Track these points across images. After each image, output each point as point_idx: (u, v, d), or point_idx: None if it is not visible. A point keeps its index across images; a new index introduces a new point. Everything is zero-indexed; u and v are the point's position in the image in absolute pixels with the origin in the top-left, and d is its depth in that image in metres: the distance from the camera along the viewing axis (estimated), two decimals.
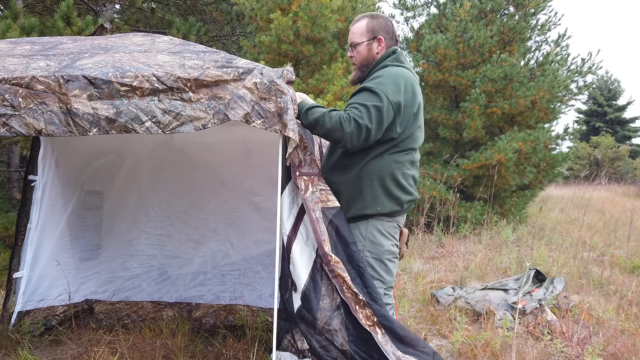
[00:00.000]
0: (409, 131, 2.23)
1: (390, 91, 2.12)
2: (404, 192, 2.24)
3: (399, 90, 2.14)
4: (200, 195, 3.78)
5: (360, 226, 2.22)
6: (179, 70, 1.93)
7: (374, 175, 2.19)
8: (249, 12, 7.37)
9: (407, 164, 2.26)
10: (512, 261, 5.54)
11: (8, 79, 1.84)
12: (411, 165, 2.29)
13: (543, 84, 8.03)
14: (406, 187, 2.26)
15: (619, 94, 32.39)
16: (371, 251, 2.20)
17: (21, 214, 3.28)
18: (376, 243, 2.20)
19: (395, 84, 2.15)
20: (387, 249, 2.23)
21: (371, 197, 2.19)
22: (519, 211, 8.73)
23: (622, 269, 5.60)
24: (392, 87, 2.13)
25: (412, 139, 2.26)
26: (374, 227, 2.21)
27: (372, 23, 2.36)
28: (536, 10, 8.86)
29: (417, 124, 2.27)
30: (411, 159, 2.29)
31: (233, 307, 3.60)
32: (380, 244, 2.21)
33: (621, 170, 22.95)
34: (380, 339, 2.01)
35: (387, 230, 2.23)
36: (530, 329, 3.54)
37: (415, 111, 2.24)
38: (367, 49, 2.36)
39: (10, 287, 3.28)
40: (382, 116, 2.09)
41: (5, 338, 3.09)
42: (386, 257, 2.23)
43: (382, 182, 2.20)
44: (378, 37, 2.35)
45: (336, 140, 2.13)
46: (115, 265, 3.76)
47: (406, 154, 2.26)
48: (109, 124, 1.84)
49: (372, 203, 2.19)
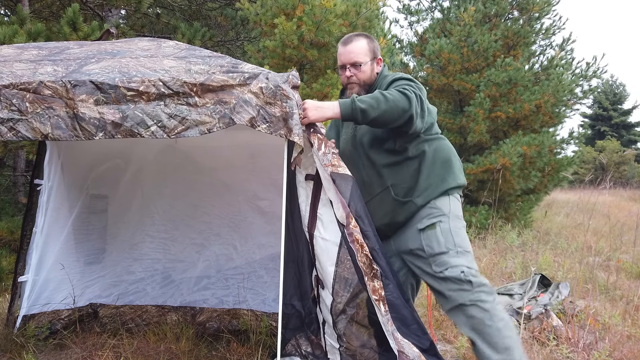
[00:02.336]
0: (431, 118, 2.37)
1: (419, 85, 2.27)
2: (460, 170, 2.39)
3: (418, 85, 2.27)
4: (204, 199, 3.79)
5: (440, 201, 2.28)
6: (185, 75, 1.94)
7: (438, 155, 2.31)
8: (254, 17, 7.40)
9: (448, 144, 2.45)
10: (517, 266, 5.51)
11: (16, 84, 1.86)
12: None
13: (548, 88, 8.01)
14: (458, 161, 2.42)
15: (624, 98, 32.28)
16: (454, 222, 2.26)
17: (27, 217, 3.29)
18: (458, 216, 2.30)
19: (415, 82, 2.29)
20: (462, 219, 2.35)
21: (447, 172, 2.31)
22: (523, 215, 8.70)
23: (629, 274, 5.56)
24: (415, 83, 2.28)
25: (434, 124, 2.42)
26: (456, 199, 2.33)
27: (372, 44, 2.43)
28: (540, 14, 8.86)
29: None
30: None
31: (237, 311, 3.60)
32: (460, 217, 2.32)
33: (627, 174, 22.84)
34: (382, 315, 2.00)
35: (460, 206, 2.37)
36: (535, 334, 3.52)
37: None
38: (370, 68, 2.41)
39: (16, 291, 3.29)
40: (422, 90, 2.23)
41: (10, 342, 3.09)
42: (464, 230, 2.33)
43: (446, 159, 2.33)
44: (378, 58, 2.46)
45: (400, 115, 2.09)
46: (120, 269, 3.77)
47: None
48: (115, 128, 1.86)
49: (450, 177, 2.29)
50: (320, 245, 2.11)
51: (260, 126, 1.93)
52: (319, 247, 2.12)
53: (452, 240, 2.20)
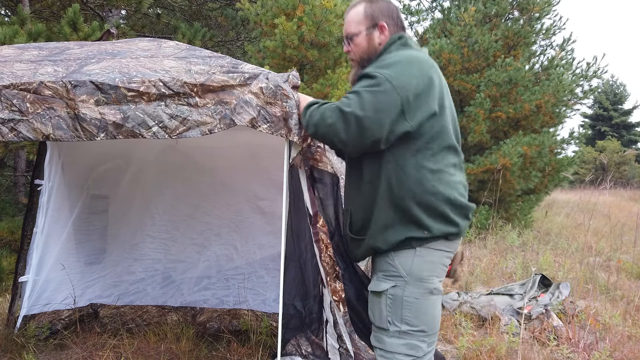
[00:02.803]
0: (438, 124, 1.70)
1: (393, 73, 1.65)
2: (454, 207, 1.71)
3: (406, 71, 1.67)
4: (204, 200, 3.79)
5: (402, 256, 1.72)
6: (186, 76, 1.94)
7: (406, 186, 1.68)
8: (254, 17, 7.40)
9: (449, 167, 1.74)
10: (517, 266, 5.51)
11: (16, 84, 1.86)
12: (454, 168, 1.76)
13: (548, 88, 8.01)
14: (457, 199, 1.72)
15: (624, 98, 32.28)
16: (413, 288, 1.70)
17: (27, 218, 3.30)
18: (419, 277, 1.70)
19: (400, 64, 1.69)
20: (436, 286, 1.74)
21: (412, 215, 1.69)
22: (524, 216, 8.69)
23: (629, 274, 5.56)
24: (395, 68, 1.67)
25: (445, 133, 1.73)
26: (428, 253, 1.71)
27: (371, 7, 1.86)
28: (541, 14, 8.85)
29: (445, 115, 1.75)
30: (453, 161, 1.77)
31: (237, 311, 3.60)
32: (424, 279, 1.71)
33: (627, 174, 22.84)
34: (341, 316, 2.01)
35: (436, 261, 1.73)
36: (536, 334, 3.51)
37: (438, 100, 1.72)
38: (367, 40, 1.86)
39: (16, 291, 3.29)
40: (380, 101, 1.61)
41: (11, 342, 3.09)
42: (432, 298, 1.73)
43: (420, 194, 1.68)
44: (380, 23, 1.84)
45: (325, 140, 1.76)
46: (120, 269, 3.77)
47: (444, 154, 1.73)
48: (117, 129, 1.86)
49: (413, 225, 1.69)
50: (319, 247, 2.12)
51: (262, 126, 1.93)
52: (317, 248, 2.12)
53: (400, 314, 1.68)
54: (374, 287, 1.76)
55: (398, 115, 1.62)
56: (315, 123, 1.73)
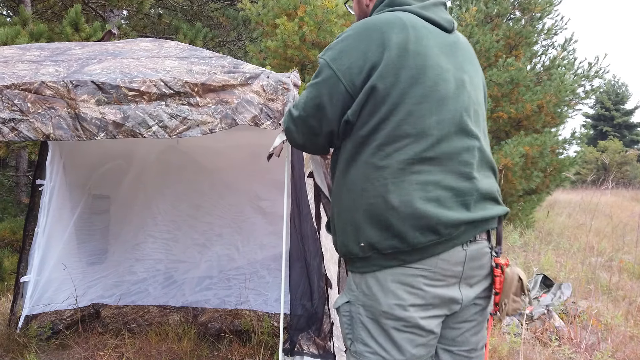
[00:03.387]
0: (388, 105, 1.29)
1: (336, 52, 1.36)
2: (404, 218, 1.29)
3: (353, 47, 1.34)
4: (206, 200, 3.79)
5: (353, 273, 1.44)
6: (187, 76, 1.94)
7: (347, 186, 1.39)
8: (255, 17, 7.41)
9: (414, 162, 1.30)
10: (519, 266, 5.50)
11: (17, 84, 1.86)
12: (410, 164, 1.30)
13: (550, 88, 8.00)
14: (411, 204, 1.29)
15: (626, 98, 32.24)
16: (365, 307, 1.37)
17: (29, 218, 3.30)
18: (371, 297, 1.35)
19: (348, 38, 1.36)
20: (384, 309, 1.33)
21: (350, 228, 1.38)
22: (526, 216, 8.68)
23: (631, 275, 5.55)
24: (341, 45, 1.36)
25: (410, 116, 1.30)
26: (386, 279, 1.34)
27: None
28: (542, 14, 8.85)
29: (412, 93, 1.30)
30: (414, 155, 1.29)
31: (239, 311, 3.60)
32: (376, 300, 1.34)
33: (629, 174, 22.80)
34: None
35: (393, 280, 1.33)
36: (537, 334, 3.51)
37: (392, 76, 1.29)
38: (357, 4, 1.61)
39: (18, 291, 3.29)
40: (320, 94, 1.36)
41: (13, 342, 3.10)
42: (389, 325, 1.33)
43: (358, 200, 1.35)
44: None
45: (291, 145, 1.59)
46: (122, 270, 3.78)
47: (403, 144, 1.30)
48: (117, 128, 1.86)
49: (353, 236, 1.37)
50: (324, 244, 2.12)
51: (265, 123, 1.93)
52: (324, 246, 2.12)
53: (356, 332, 1.39)
54: (334, 303, 1.49)
55: (345, 104, 1.34)
56: (283, 129, 1.56)
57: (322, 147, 1.49)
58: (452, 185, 1.33)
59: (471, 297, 1.39)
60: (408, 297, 1.31)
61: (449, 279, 1.34)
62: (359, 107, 1.32)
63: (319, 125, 1.40)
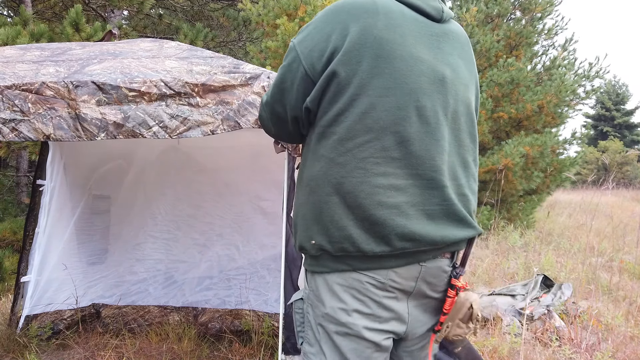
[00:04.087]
0: (347, 95, 1.18)
1: (303, 34, 1.27)
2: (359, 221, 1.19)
3: (317, 29, 1.24)
4: (206, 200, 3.80)
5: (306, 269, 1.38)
6: (187, 76, 1.94)
7: (305, 179, 1.30)
8: (256, 17, 7.41)
9: (367, 163, 1.18)
10: (519, 266, 5.50)
11: (18, 84, 1.86)
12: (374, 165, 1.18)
13: (550, 89, 8.00)
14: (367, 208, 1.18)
15: (627, 98, 32.23)
16: (312, 308, 1.31)
17: (29, 218, 3.31)
18: (318, 298, 1.29)
19: (315, 21, 1.27)
20: (328, 312, 1.25)
21: (304, 223, 1.29)
22: (526, 216, 8.68)
23: (631, 275, 5.55)
24: (308, 27, 1.28)
25: (366, 113, 1.17)
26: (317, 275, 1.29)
27: None
28: (543, 14, 8.84)
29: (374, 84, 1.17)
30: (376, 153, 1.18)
31: (239, 311, 3.60)
32: (321, 301, 1.27)
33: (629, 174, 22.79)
34: None
35: (339, 283, 1.24)
36: (538, 335, 3.51)
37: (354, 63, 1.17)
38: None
39: (18, 291, 3.29)
40: (285, 78, 1.28)
41: (13, 342, 3.10)
42: (331, 328, 1.25)
43: (313, 195, 1.25)
44: None
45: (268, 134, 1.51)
46: (122, 270, 3.78)
47: (361, 144, 1.18)
48: (117, 128, 1.86)
49: (305, 233, 1.28)
50: None
51: None
52: None
53: (304, 329, 1.35)
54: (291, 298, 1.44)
55: (306, 89, 1.24)
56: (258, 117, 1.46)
57: (293, 135, 1.36)
58: (420, 193, 1.20)
59: (419, 315, 1.30)
60: (352, 302, 1.22)
61: (398, 293, 1.24)
62: (318, 93, 1.21)
63: (284, 111, 1.30)
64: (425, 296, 1.29)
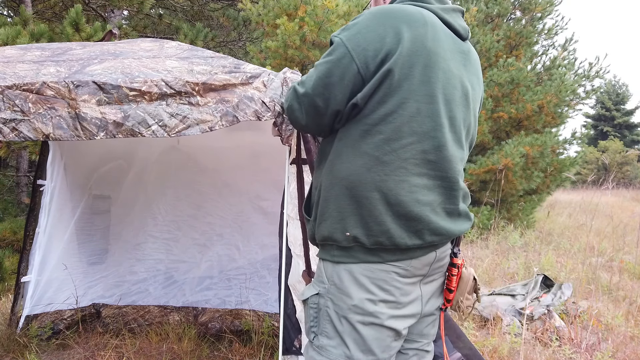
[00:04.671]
0: (396, 98, 1.26)
1: (351, 32, 1.30)
2: (398, 215, 1.29)
3: (367, 28, 1.29)
4: (206, 200, 3.80)
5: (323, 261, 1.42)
6: (188, 75, 1.94)
7: (341, 176, 1.34)
8: (256, 17, 7.41)
9: (409, 163, 1.29)
10: (519, 266, 5.50)
11: (19, 84, 1.86)
12: (413, 165, 1.29)
13: (550, 89, 8.01)
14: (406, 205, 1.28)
15: (627, 98, 32.22)
16: (334, 301, 1.35)
17: (30, 218, 3.31)
18: (342, 290, 1.34)
19: (363, 21, 1.32)
20: (355, 303, 1.31)
21: (338, 215, 1.33)
22: (526, 216, 8.68)
23: (631, 275, 5.55)
24: (356, 27, 1.31)
25: (418, 115, 1.28)
26: (343, 266, 1.34)
27: None
28: (543, 14, 8.85)
29: (422, 91, 1.28)
30: (417, 155, 1.29)
31: (239, 311, 3.60)
32: (347, 294, 1.33)
33: (630, 174, 22.79)
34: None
35: (366, 275, 1.32)
36: (538, 335, 3.51)
37: (406, 67, 1.26)
38: (374, 2, 1.59)
39: (19, 291, 3.30)
40: (331, 73, 1.30)
41: (13, 342, 3.10)
42: (356, 319, 1.31)
43: (353, 189, 1.31)
44: None
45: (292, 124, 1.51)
46: (123, 270, 3.78)
47: (406, 141, 1.28)
48: (116, 127, 1.86)
49: (339, 224, 1.33)
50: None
51: (265, 115, 1.93)
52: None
53: (321, 325, 1.37)
54: (300, 294, 1.47)
55: (355, 86, 1.29)
56: (285, 108, 1.51)
57: (325, 128, 1.40)
58: (444, 193, 1.35)
59: (429, 294, 1.45)
60: (379, 292, 1.32)
61: (415, 278, 1.38)
62: (370, 91, 1.28)
63: (325, 105, 1.33)
64: (432, 277, 1.44)
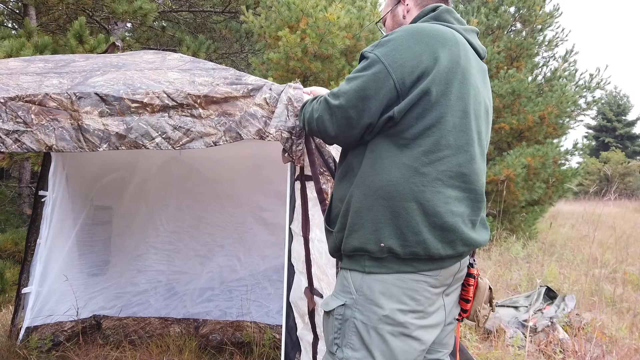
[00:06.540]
0: (435, 114, 1.33)
1: (388, 49, 1.35)
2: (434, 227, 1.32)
3: (404, 46, 1.34)
4: (208, 211, 3.79)
5: (351, 271, 1.41)
6: (189, 87, 1.95)
7: (376, 187, 1.36)
8: (258, 29, 7.47)
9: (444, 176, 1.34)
10: (522, 278, 5.47)
11: (22, 96, 1.87)
12: (448, 177, 1.35)
13: (551, 100, 8.03)
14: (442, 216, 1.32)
15: (628, 109, 32.25)
16: (362, 312, 1.35)
17: (31, 229, 3.31)
18: (372, 301, 1.34)
19: (399, 38, 1.36)
20: (387, 314, 1.33)
21: (371, 226, 1.35)
22: (528, 227, 8.65)
23: (635, 286, 5.51)
24: (392, 44, 1.36)
25: (453, 129, 1.35)
26: (373, 275, 1.36)
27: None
28: (543, 26, 8.90)
29: (457, 107, 1.36)
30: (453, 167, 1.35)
31: (240, 323, 3.58)
32: (377, 304, 1.33)
33: (632, 185, 22.73)
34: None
35: (398, 285, 1.34)
36: (542, 347, 3.48)
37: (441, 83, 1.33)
38: (392, 18, 1.67)
39: (19, 302, 3.29)
40: (367, 86, 1.34)
41: (13, 354, 3.09)
42: (386, 329, 1.32)
43: (390, 200, 1.33)
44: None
45: (317, 136, 1.54)
46: (124, 281, 3.77)
47: (442, 154, 1.34)
48: (119, 139, 1.86)
49: (372, 235, 1.34)
50: (318, 249, 2.06)
51: (269, 135, 1.93)
52: (317, 250, 2.06)
53: (343, 335, 1.37)
54: (324, 304, 1.45)
55: (390, 100, 1.34)
56: (308, 119, 1.55)
57: (354, 140, 1.43)
58: (471, 205, 1.40)
59: (451, 304, 1.48)
60: (410, 302, 1.34)
61: (441, 287, 1.41)
62: (407, 106, 1.32)
63: (358, 117, 1.36)
64: (454, 287, 1.47)
